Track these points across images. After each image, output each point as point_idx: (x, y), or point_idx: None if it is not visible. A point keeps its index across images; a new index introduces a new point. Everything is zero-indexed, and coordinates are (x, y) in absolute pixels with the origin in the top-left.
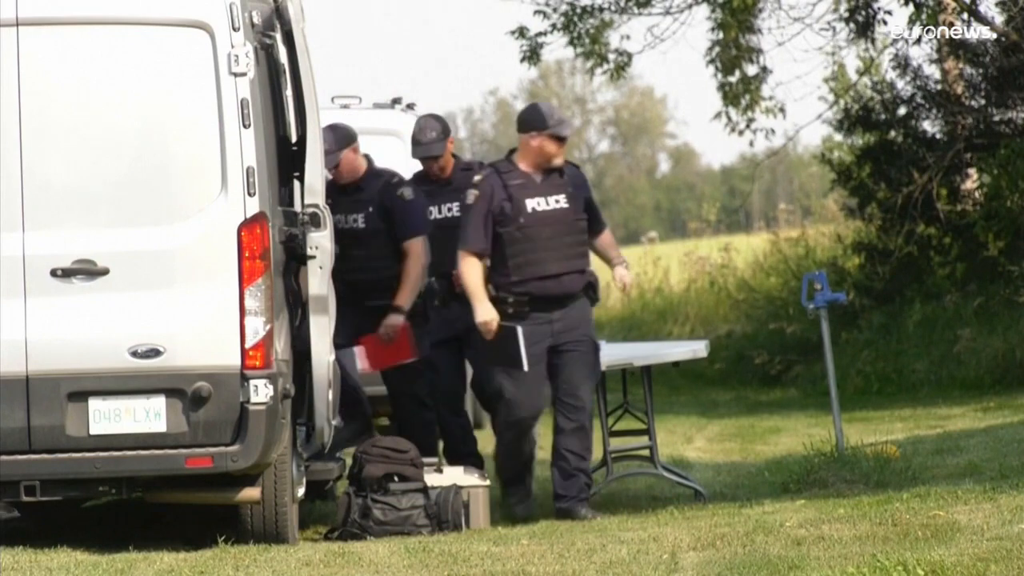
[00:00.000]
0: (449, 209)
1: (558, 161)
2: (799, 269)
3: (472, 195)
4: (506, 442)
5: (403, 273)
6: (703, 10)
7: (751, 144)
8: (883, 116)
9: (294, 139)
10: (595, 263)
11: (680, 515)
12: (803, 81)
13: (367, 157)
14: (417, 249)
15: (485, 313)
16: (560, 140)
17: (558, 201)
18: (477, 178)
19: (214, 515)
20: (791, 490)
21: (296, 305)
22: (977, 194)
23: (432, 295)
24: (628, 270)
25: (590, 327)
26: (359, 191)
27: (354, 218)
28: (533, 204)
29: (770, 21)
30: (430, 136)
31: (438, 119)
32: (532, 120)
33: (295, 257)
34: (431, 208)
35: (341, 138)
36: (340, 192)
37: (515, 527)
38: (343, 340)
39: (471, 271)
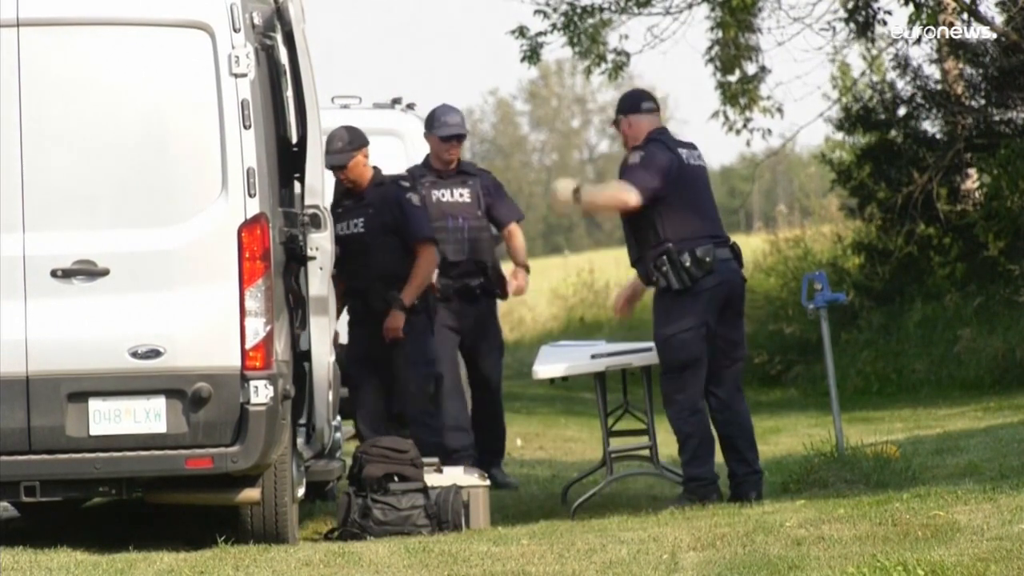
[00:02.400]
0: (355, 225)
1: None
2: (798, 270)
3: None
4: None
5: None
6: (703, 10)
7: (748, 144)
8: (883, 116)
9: (294, 140)
10: None
11: (680, 515)
12: (803, 81)
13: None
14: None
15: None
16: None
17: None
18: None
19: (214, 515)
20: (791, 490)
21: (297, 306)
22: (977, 194)
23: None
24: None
25: None
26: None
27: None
28: None
29: (770, 21)
30: (336, 146)
31: (350, 130)
32: None
33: (295, 258)
34: (339, 224)
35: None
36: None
37: (515, 527)
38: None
39: None
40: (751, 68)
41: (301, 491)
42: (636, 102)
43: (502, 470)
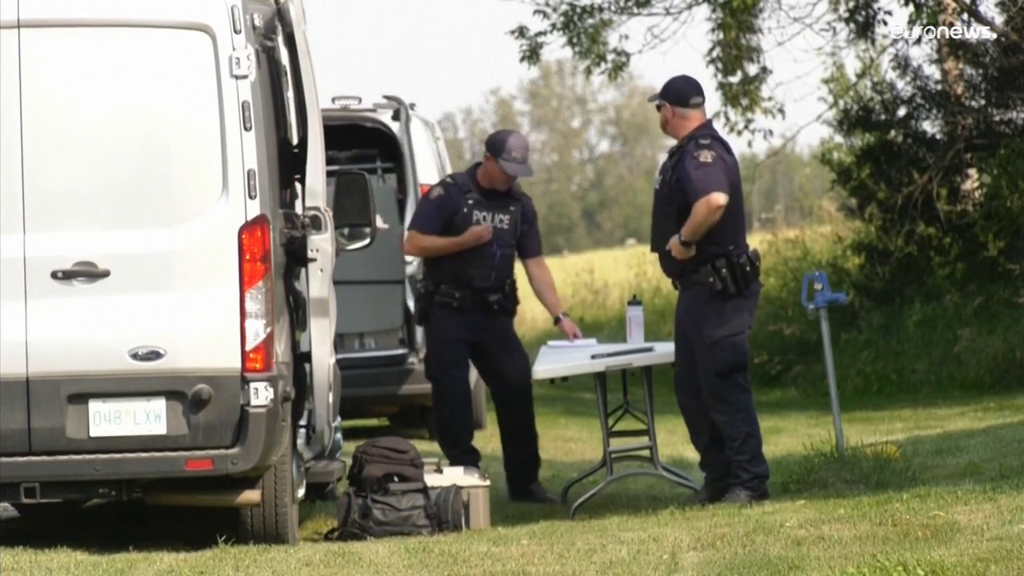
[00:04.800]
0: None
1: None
2: (798, 270)
3: None
4: None
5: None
6: (703, 10)
7: (750, 144)
8: (883, 116)
9: (295, 141)
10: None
11: (680, 515)
12: (803, 81)
13: None
14: None
15: None
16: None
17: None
18: None
19: (214, 515)
20: (791, 490)
21: (296, 308)
22: (977, 194)
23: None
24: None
25: None
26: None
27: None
28: None
29: (770, 21)
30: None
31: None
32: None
33: (296, 259)
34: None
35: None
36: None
37: (515, 527)
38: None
39: None
40: (752, 69)
41: (301, 492)
42: (685, 97)
43: (540, 485)
